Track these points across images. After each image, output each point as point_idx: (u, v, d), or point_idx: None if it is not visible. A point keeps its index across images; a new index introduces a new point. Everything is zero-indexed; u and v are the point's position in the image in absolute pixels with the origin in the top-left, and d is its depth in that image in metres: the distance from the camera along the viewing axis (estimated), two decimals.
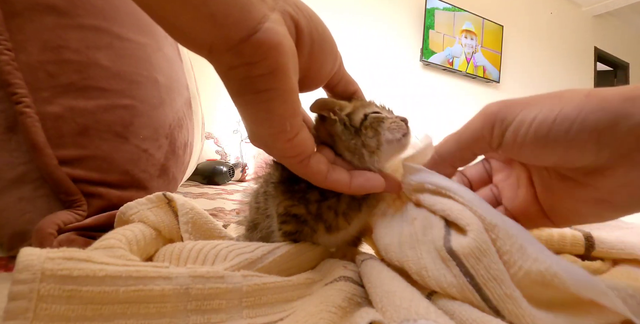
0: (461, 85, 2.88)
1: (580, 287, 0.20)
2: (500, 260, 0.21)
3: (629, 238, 0.33)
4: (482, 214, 0.23)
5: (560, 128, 0.20)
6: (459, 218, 0.23)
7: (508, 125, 0.23)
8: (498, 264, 0.21)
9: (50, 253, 0.18)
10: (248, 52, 0.20)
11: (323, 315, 0.21)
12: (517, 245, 0.21)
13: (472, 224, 0.22)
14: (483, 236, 0.22)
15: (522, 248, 0.21)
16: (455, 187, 0.25)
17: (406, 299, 0.20)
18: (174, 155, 0.55)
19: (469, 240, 0.22)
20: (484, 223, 0.22)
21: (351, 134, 0.28)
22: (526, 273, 0.20)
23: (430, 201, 0.26)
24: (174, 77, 0.61)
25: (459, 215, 0.23)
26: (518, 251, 0.21)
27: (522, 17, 3.19)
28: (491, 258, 0.21)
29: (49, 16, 0.39)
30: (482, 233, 0.22)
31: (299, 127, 0.24)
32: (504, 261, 0.21)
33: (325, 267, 0.29)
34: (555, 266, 0.20)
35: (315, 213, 0.29)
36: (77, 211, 0.38)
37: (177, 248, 0.28)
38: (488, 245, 0.21)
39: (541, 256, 0.20)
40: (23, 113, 0.36)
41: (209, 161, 1.36)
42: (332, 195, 0.29)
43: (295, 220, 0.30)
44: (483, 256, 0.21)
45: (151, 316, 0.19)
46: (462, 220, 0.23)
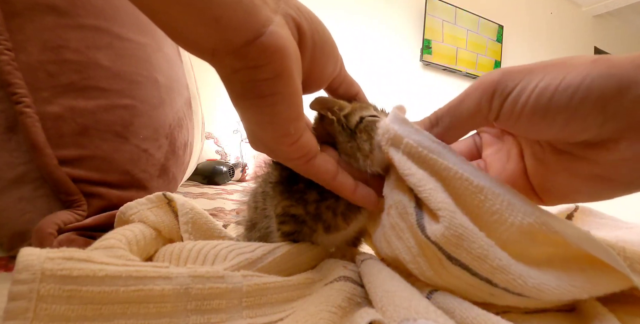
0: (461, 85, 2.88)
1: (573, 236, 0.19)
2: (479, 236, 0.21)
3: (629, 238, 0.33)
4: (469, 177, 0.22)
5: (563, 96, 0.19)
6: (430, 200, 0.22)
7: (508, 93, 0.21)
8: (478, 242, 0.21)
9: (50, 253, 0.18)
10: (252, 56, 0.20)
11: (323, 315, 0.21)
12: (506, 202, 0.21)
13: (442, 209, 0.22)
14: (455, 221, 0.21)
15: (510, 204, 0.21)
16: (440, 149, 0.23)
17: (406, 299, 0.20)
18: (174, 155, 0.55)
19: (441, 228, 0.21)
20: (471, 186, 0.22)
21: (347, 136, 0.28)
22: (517, 227, 0.20)
23: (404, 167, 0.24)
24: (174, 77, 0.61)
25: (430, 197, 0.22)
26: (507, 209, 0.21)
27: (522, 17, 3.18)
28: (470, 240, 0.21)
29: (49, 16, 0.39)
30: (454, 217, 0.21)
31: (302, 129, 0.24)
32: (493, 220, 0.21)
33: (325, 267, 0.29)
34: (543, 216, 0.20)
35: (314, 214, 0.29)
36: (77, 211, 0.38)
37: (176, 248, 0.28)
38: (463, 229, 0.21)
39: (529, 209, 0.20)
40: (23, 113, 0.36)
41: (209, 161, 1.36)
42: (330, 196, 0.29)
43: (293, 220, 0.30)
44: (461, 241, 0.21)
45: (151, 316, 0.19)
46: (432, 203, 0.22)
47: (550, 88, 0.19)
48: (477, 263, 0.21)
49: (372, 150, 0.27)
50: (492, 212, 0.21)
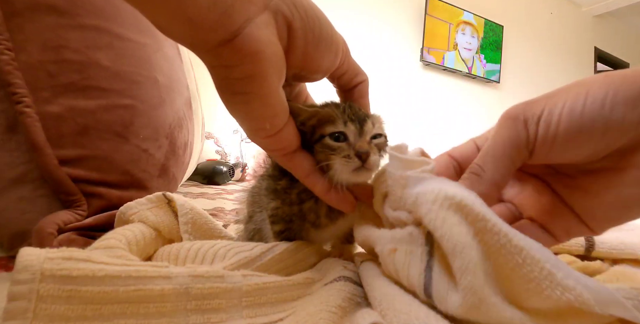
0: (461, 85, 2.88)
1: (604, 306, 0.18)
2: (501, 305, 0.19)
3: (630, 239, 0.33)
4: (508, 233, 0.19)
5: (594, 108, 0.19)
6: (444, 237, 0.19)
7: (539, 117, 0.21)
8: (499, 312, 0.18)
9: (50, 253, 0.18)
10: (226, 56, 0.20)
11: (323, 315, 0.21)
12: (545, 272, 0.19)
13: (465, 274, 0.18)
14: (476, 286, 0.18)
15: (550, 274, 0.19)
16: (473, 198, 0.20)
17: (406, 303, 0.20)
18: (174, 155, 0.55)
19: (459, 301, 0.19)
20: (509, 245, 0.19)
21: (311, 145, 0.27)
22: (555, 301, 0.19)
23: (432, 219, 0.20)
24: (174, 77, 0.61)
25: (446, 233, 0.19)
26: (546, 279, 0.19)
27: (523, 17, 3.18)
28: (488, 309, 0.18)
29: (49, 16, 0.39)
30: (476, 276, 0.18)
31: (280, 125, 0.24)
32: (526, 288, 0.19)
33: (325, 267, 0.29)
34: (585, 293, 0.18)
35: (299, 215, 0.30)
36: (77, 211, 0.38)
37: (174, 248, 0.28)
38: (483, 296, 0.18)
39: (571, 283, 0.18)
40: (23, 113, 0.36)
41: (209, 161, 1.36)
42: (308, 198, 0.29)
43: (283, 220, 0.31)
44: (477, 311, 0.18)
45: (151, 316, 0.19)
46: (447, 241, 0.19)
47: (579, 104, 0.20)
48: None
49: (327, 169, 0.27)
50: (528, 280, 0.19)
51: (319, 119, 0.27)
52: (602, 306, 0.19)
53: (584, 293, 0.18)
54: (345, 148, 0.27)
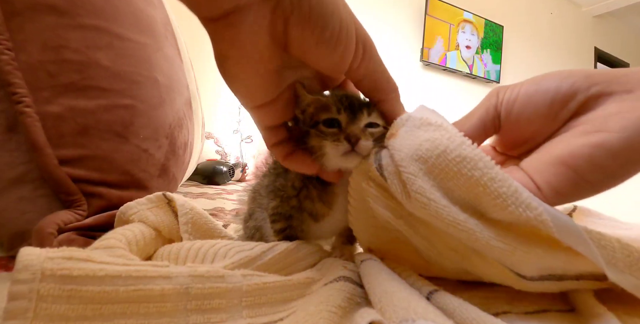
0: (461, 85, 2.88)
1: (564, 234, 0.20)
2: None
3: (629, 239, 0.33)
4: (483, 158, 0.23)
5: (548, 84, 0.25)
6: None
7: (507, 88, 0.27)
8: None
9: (50, 253, 0.18)
10: (211, 31, 0.22)
11: (323, 315, 0.21)
12: (513, 189, 0.21)
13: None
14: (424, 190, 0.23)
15: (516, 192, 0.21)
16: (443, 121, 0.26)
17: (404, 299, 0.20)
18: (174, 155, 0.55)
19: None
20: (483, 161, 0.22)
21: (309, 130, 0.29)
22: (516, 217, 0.21)
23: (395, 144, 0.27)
24: (174, 77, 0.61)
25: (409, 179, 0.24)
26: (512, 195, 0.21)
27: (523, 18, 3.18)
28: (438, 209, 0.23)
29: (49, 16, 0.39)
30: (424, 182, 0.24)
31: (258, 103, 0.26)
32: (494, 204, 0.22)
33: (325, 267, 0.29)
34: (545, 214, 0.20)
35: (297, 207, 0.31)
36: (77, 211, 0.38)
37: (175, 248, 0.28)
38: (432, 197, 0.23)
39: (534, 203, 0.21)
40: (23, 113, 0.36)
41: (209, 161, 1.36)
42: (303, 186, 0.31)
43: (283, 218, 0.32)
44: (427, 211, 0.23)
45: (151, 316, 0.19)
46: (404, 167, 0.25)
47: (536, 80, 0.26)
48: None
49: (321, 153, 0.28)
50: (497, 195, 0.21)
51: (316, 107, 0.28)
52: (561, 234, 0.20)
53: (544, 214, 0.21)
54: (336, 133, 0.28)
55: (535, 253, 0.22)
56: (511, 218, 0.22)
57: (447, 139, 0.24)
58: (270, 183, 0.33)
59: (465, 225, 0.22)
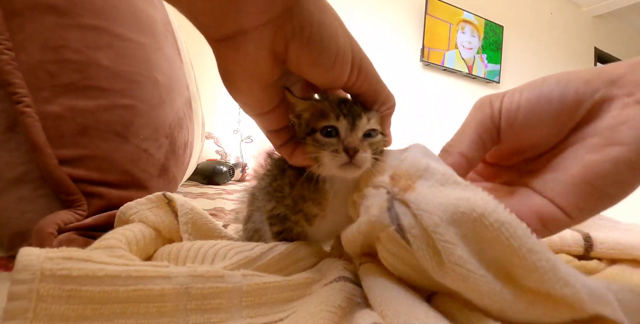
0: (461, 85, 2.88)
1: (595, 304, 0.19)
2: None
3: (626, 239, 0.33)
4: (515, 225, 0.21)
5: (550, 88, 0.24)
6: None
7: (502, 96, 0.26)
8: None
9: (50, 253, 0.18)
10: (216, 49, 0.24)
11: (323, 315, 0.21)
12: (552, 263, 0.19)
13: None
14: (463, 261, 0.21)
15: (554, 267, 0.19)
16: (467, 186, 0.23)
17: (405, 304, 0.20)
18: (174, 155, 0.55)
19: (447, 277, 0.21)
20: (521, 228, 0.20)
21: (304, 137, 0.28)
22: (551, 291, 0.20)
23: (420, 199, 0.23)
24: (174, 76, 0.61)
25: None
26: (550, 271, 0.19)
27: (523, 18, 3.18)
28: (477, 280, 0.21)
29: (50, 16, 0.39)
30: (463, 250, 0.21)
31: (259, 112, 0.27)
32: (532, 277, 0.20)
33: (325, 267, 0.29)
34: (582, 291, 0.19)
35: (292, 206, 0.31)
36: (77, 211, 0.38)
37: (175, 248, 0.28)
38: (471, 269, 0.21)
39: (572, 280, 0.19)
40: (23, 112, 0.36)
41: (209, 161, 1.36)
42: (298, 185, 0.30)
43: (279, 220, 0.32)
44: (466, 283, 0.21)
45: (151, 316, 0.19)
46: (437, 231, 0.22)
47: (537, 85, 0.25)
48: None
49: (316, 162, 0.27)
50: (534, 268, 0.20)
51: (313, 113, 0.27)
52: (594, 304, 0.19)
53: (581, 292, 0.19)
54: (335, 143, 0.27)
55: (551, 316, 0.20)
56: (545, 289, 0.20)
57: (482, 200, 0.21)
58: (266, 185, 0.33)
59: (502, 296, 0.20)
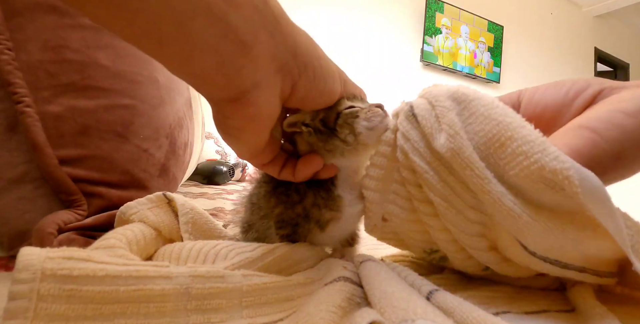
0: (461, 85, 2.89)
1: (589, 196, 0.19)
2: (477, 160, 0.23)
3: None
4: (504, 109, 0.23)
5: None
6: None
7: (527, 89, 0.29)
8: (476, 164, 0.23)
9: (50, 253, 0.18)
10: (227, 110, 0.23)
11: (323, 315, 0.21)
12: (541, 140, 0.21)
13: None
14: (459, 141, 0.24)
15: (544, 143, 0.21)
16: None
17: (404, 300, 0.20)
18: (174, 155, 0.55)
19: (446, 143, 0.24)
20: (514, 114, 0.23)
21: (328, 136, 0.29)
22: (540, 167, 0.20)
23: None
24: (174, 76, 0.61)
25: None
26: (540, 145, 0.21)
27: (523, 18, 3.19)
28: (470, 156, 0.23)
29: (50, 16, 0.39)
30: (454, 122, 0.25)
31: (256, 155, 0.27)
32: (522, 151, 0.21)
33: (325, 267, 0.29)
34: (572, 170, 0.19)
35: (303, 215, 0.30)
36: (78, 210, 0.38)
37: (176, 248, 0.28)
38: (462, 144, 0.24)
39: (563, 157, 0.20)
40: (23, 112, 0.36)
41: (209, 161, 1.36)
42: (307, 193, 0.30)
43: (289, 225, 0.31)
44: (458, 157, 0.24)
45: (151, 316, 0.19)
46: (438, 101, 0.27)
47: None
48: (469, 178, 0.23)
49: (358, 136, 0.29)
50: (525, 141, 0.21)
51: (325, 109, 0.29)
52: (586, 196, 0.19)
53: (571, 169, 0.19)
54: (364, 108, 0.29)
55: (543, 223, 0.21)
56: (533, 172, 0.21)
57: (482, 93, 0.26)
58: (271, 189, 0.32)
59: (483, 171, 0.23)
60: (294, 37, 0.23)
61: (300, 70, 0.23)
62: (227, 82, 0.21)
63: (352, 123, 0.29)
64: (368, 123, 0.29)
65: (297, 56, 0.23)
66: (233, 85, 0.21)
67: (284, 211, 0.31)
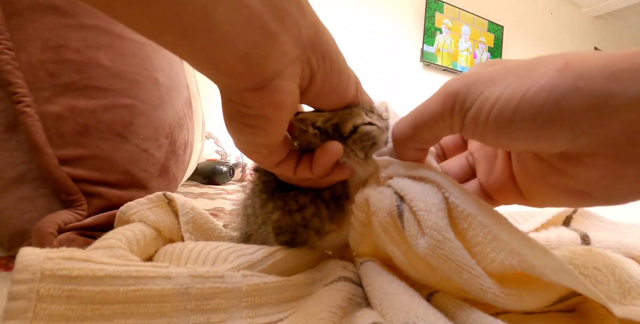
0: None
1: (555, 276, 0.19)
2: (462, 250, 0.21)
3: (625, 239, 0.33)
4: (455, 201, 0.22)
5: (527, 113, 0.17)
6: (414, 201, 0.23)
7: (469, 107, 0.19)
8: (458, 254, 0.21)
9: (50, 253, 0.18)
10: (249, 100, 0.21)
11: (323, 315, 0.21)
12: (490, 237, 0.20)
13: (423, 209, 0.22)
14: (439, 227, 0.21)
15: (495, 239, 0.20)
16: (427, 173, 0.24)
17: (405, 302, 0.20)
18: (174, 155, 0.55)
19: (425, 243, 0.22)
20: (455, 212, 0.22)
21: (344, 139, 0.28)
22: (498, 264, 0.20)
23: (399, 185, 0.24)
24: (174, 76, 0.61)
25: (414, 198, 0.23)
26: (491, 243, 0.20)
27: (523, 18, 3.19)
28: (452, 249, 0.21)
29: (50, 15, 0.39)
30: (439, 218, 0.21)
31: (274, 150, 0.26)
32: (475, 252, 0.21)
33: (325, 267, 0.29)
34: (530, 258, 0.19)
35: (302, 224, 0.30)
36: (77, 210, 0.38)
37: (177, 249, 0.28)
38: (446, 237, 0.21)
39: (516, 247, 0.20)
40: (23, 112, 0.36)
41: (209, 161, 1.36)
42: (310, 204, 0.29)
43: (287, 232, 0.30)
44: (440, 251, 0.21)
45: (151, 316, 0.19)
46: (416, 205, 0.22)
47: (512, 102, 0.17)
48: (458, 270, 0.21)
49: (367, 159, 0.28)
50: (475, 243, 0.21)
51: (341, 117, 0.28)
52: (552, 274, 0.19)
53: (528, 259, 0.19)
54: (380, 127, 0.28)
55: (520, 296, 0.21)
56: (494, 266, 0.21)
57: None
58: (268, 197, 0.31)
59: (477, 270, 0.21)
60: (316, 27, 0.22)
61: (319, 62, 0.23)
62: (251, 72, 0.20)
63: (365, 143, 0.27)
64: (387, 150, 0.27)
65: (316, 46, 0.22)
66: (257, 75, 0.20)
67: (281, 217, 0.30)
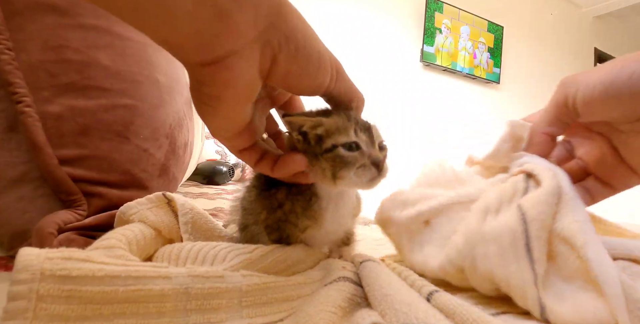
0: (461, 85, 2.88)
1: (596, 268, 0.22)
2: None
3: (632, 244, 0.33)
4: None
5: (622, 77, 0.25)
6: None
7: (577, 89, 0.28)
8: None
9: (50, 253, 0.18)
10: (201, 75, 0.22)
11: (323, 315, 0.21)
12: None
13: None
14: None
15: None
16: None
17: (405, 303, 0.20)
18: (174, 155, 0.55)
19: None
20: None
21: (313, 156, 0.27)
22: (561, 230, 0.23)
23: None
24: (175, 76, 0.61)
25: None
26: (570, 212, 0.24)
27: (523, 18, 3.18)
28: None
29: (50, 15, 0.39)
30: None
31: (235, 132, 0.26)
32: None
33: (325, 267, 0.29)
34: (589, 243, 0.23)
35: (284, 219, 0.30)
36: (77, 210, 0.38)
37: (176, 248, 0.28)
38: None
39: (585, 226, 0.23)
40: (23, 112, 0.36)
41: (209, 161, 1.35)
42: (287, 199, 0.30)
43: (274, 229, 0.31)
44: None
45: (151, 316, 0.19)
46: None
47: (611, 74, 0.26)
48: None
49: (335, 179, 0.27)
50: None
51: (327, 129, 0.27)
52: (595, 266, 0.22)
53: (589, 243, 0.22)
54: (359, 158, 0.27)
55: None
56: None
57: None
58: (258, 194, 0.32)
59: None
60: (278, 8, 0.22)
61: (282, 43, 0.22)
62: (201, 50, 0.20)
63: (339, 165, 0.27)
64: (355, 177, 0.27)
65: (279, 27, 0.22)
66: (207, 52, 0.20)
67: (267, 216, 0.30)
